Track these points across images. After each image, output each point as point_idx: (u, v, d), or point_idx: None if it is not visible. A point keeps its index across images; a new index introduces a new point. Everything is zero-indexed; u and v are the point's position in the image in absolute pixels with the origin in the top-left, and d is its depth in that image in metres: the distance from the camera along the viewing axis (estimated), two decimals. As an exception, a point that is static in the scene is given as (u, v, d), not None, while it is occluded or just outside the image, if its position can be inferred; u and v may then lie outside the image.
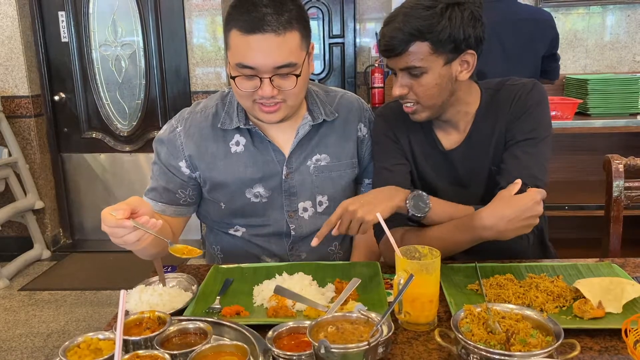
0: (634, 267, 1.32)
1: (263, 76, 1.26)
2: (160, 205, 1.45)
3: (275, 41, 1.23)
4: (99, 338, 0.95)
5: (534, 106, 1.36)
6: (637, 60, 3.68)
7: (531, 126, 1.34)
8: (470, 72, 1.32)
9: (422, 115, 1.35)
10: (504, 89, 1.40)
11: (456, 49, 1.26)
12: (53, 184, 4.16)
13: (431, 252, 1.10)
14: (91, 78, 4.03)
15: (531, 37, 2.43)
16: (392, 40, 1.25)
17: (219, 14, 3.76)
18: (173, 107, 3.99)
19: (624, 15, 3.61)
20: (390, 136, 1.47)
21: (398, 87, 1.32)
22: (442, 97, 1.32)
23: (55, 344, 2.82)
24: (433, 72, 1.27)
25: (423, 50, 1.25)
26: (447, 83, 1.30)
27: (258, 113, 1.34)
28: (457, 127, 1.41)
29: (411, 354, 0.99)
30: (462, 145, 1.41)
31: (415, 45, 1.24)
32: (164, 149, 1.45)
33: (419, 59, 1.25)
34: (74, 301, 3.28)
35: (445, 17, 1.22)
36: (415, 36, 1.23)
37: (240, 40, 1.25)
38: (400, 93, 1.32)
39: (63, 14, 3.91)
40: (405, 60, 1.27)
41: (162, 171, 1.45)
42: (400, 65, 1.28)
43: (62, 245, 4.22)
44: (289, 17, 1.24)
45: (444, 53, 1.26)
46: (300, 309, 1.12)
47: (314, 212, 1.48)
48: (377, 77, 4.63)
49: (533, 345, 0.88)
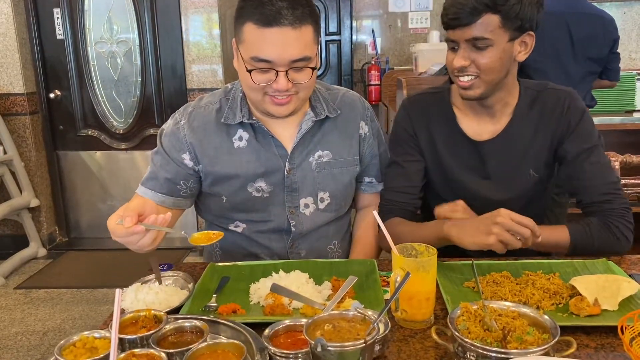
0: (629, 264, 1.32)
1: (279, 69, 1.26)
2: (160, 196, 1.44)
3: (292, 35, 1.24)
4: (95, 337, 0.94)
5: (584, 114, 1.40)
6: (633, 58, 3.69)
7: (588, 135, 1.39)
8: (527, 54, 1.34)
9: (476, 91, 1.35)
10: (546, 92, 1.43)
11: (520, 28, 1.29)
12: (49, 182, 4.15)
13: (428, 250, 1.10)
14: (87, 75, 4.02)
15: (597, 32, 2.50)
16: (464, 8, 1.25)
17: (215, 11, 3.75)
18: (169, 104, 3.98)
19: (620, 13, 3.62)
20: (408, 131, 1.49)
21: (460, 58, 1.31)
22: (501, 74, 1.33)
23: (52, 342, 2.81)
24: (498, 46, 1.29)
25: (493, 22, 1.26)
26: (507, 61, 1.32)
27: (269, 106, 1.34)
28: (493, 117, 1.43)
29: (408, 352, 0.99)
30: (497, 138, 1.42)
31: (486, 16, 1.25)
32: (167, 141, 1.45)
33: (488, 31, 1.26)
34: (70, 299, 3.28)
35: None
36: (489, 7, 1.25)
37: (255, 34, 1.25)
38: (462, 64, 1.31)
39: (58, 10, 3.90)
40: (474, 31, 1.27)
41: (166, 161, 1.44)
42: (467, 36, 1.28)
43: (58, 243, 4.20)
44: (303, 11, 1.25)
45: (510, 29, 1.28)
46: (296, 307, 1.12)
47: (315, 209, 1.48)
48: (373, 74, 4.63)
49: (529, 343, 0.88)
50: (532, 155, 1.42)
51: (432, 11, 5.87)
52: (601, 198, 1.37)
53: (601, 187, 1.37)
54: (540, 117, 1.41)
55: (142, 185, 1.46)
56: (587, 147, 1.38)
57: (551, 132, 1.41)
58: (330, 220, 1.51)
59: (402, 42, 5.99)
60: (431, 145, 1.47)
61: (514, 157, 1.42)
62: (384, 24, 6.06)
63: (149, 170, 1.48)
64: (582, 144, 1.39)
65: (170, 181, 1.44)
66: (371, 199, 1.60)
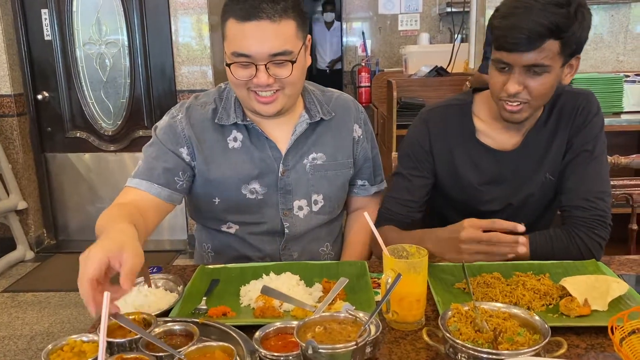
0: (618, 264, 1.33)
1: (258, 63, 1.26)
2: (156, 187, 1.35)
3: (270, 28, 1.23)
4: (83, 340, 0.93)
5: (595, 116, 1.39)
6: (621, 60, 3.73)
7: (593, 139, 1.37)
8: (572, 77, 1.32)
9: (523, 114, 1.32)
10: (565, 94, 1.41)
11: (574, 52, 1.26)
12: (36, 184, 4.10)
13: (419, 251, 1.10)
14: (75, 77, 3.98)
15: None
16: (527, 33, 1.19)
17: (204, 13, 3.74)
18: (158, 106, 3.96)
19: (607, 16, 3.65)
20: (424, 146, 1.45)
21: (515, 84, 1.26)
22: (549, 98, 1.32)
23: (39, 346, 2.78)
24: (554, 72, 1.25)
25: (553, 49, 1.22)
26: (556, 84, 1.29)
27: (254, 104, 1.33)
28: (519, 129, 1.41)
29: (399, 354, 0.99)
30: (519, 147, 1.41)
31: (549, 42, 1.21)
32: (163, 134, 1.41)
33: (549, 58, 1.22)
34: (58, 302, 3.25)
35: (578, 18, 1.21)
36: (553, 33, 1.20)
37: (236, 29, 1.25)
38: (516, 91, 1.26)
39: (46, 11, 3.86)
40: (534, 57, 1.22)
41: (163, 151, 1.39)
42: (525, 61, 1.23)
43: (46, 246, 4.17)
44: (284, 5, 1.25)
45: (565, 55, 1.24)
46: (287, 309, 1.11)
47: (309, 211, 1.47)
48: (363, 76, 4.65)
49: (520, 344, 0.88)
50: (549, 159, 1.41)
51: (422, 13, 5.90)
52: (577, 203, 1.34)
53: (582, 193, 1.34)
54: (558, 121, 1.40)
55: (136, 177, 1.36)
56: (587, 149, 1.37)
57: (567, 134, 1.39)
58: (323, 222, 1.51)
59: (392, 44, 6.01)
60: (448, 156, 1.45)
61: (531, 162, 1.41)
62: (374, 26, 6.08)
63: (142, 163, 1.39)
64: (584, 145, 1.37)
65: (169, 172, 1.37)
66: (363, 201, 1.60)
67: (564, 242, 1.32)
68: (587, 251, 1.31)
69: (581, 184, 1.36)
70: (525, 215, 1.45)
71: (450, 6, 5.03)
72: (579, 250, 1.31)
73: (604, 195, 1.35)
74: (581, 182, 1.36)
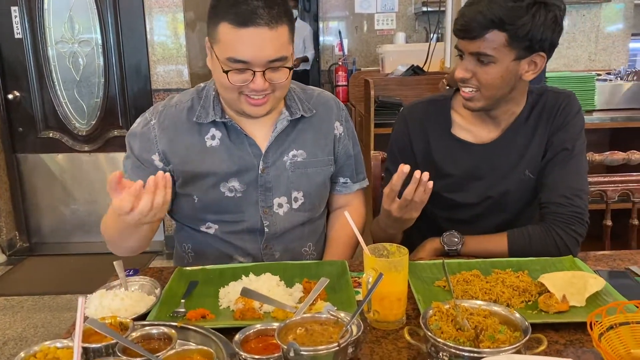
0: (595, 260, 1.35)
1: (256, 69, 1.25)
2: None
3: (268, 35, 1.22)
4: (57, 347, 0.90)
5: (576, 116, 1.41)
6: (593, 59, 3.80)
7: (573, 137, 1.40)
8: (535, 74, 1.33)
9: (477, 103, 1.36)
10: (547, 94, 1.44)
11: (530, 48, 1.28)
12: (8, 186, 4.01)
13: (399, 250, 1.10)
14: (47, 76, 3.90)
15: None
16: (471, 22, 1.25)
17: (180, 11, 3.70)
18: (133, 105, 3.90)
19: (579, 16, 3.72)
20: (405, 140, 1.51)
21: (462, 70, 1.32)
22: (502, 91, 1.34)
23: (12, 352, 2.72)
24: (501, 64, 1.28)
25: (498, 40, 1.25)
26: (511, 79, 1.32)
27: (245, 106, 1.32)
28: (497, 124, 1.44)
29: (380, 353, 0.98)
30: (494, 142, 1.44)
31: (492, 33, 1.25)
32: (137, 143, 1.41)
33: (492, 48, 1.26)
34: (31, 307, 3.17)
35: (530, 13, 1.23)
36: (495, 24, 1.24)
37: (231, 34, 1.23)
38: (463, 76, 1.32)
39: (16, 9, 3.77)
40: (478, 45, 1.27)
41: (136, 165, 1.41)
42: (471, 49, 1.29)
43: (19, 249, 4.07)
44: (278, 10, 1.23)
45: (517, 48, 1.27)
46: (267, 310, 1.10)
47: (289, 209, 1.46)
48: (340, 75, 4.64)
49: (502, 342, 0.89)
50: (528, 156, 1.43)
51: (398, 12, 5.93)
52: (555, 200, 1.37)
53: (561, 190, 1.37)
54: (538, 119, 1.43)
55: None
56: (566, 148, 1.39)
57: (547, 133, 1.42)
58: (305, 221, 1.50)
59: (368, 43, 6.04)
60: (427, 150, 1.49)
61: (509, 159, 1.44)
62: (350, 25, 6.09)
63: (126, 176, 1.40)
64: (564, 143, 1.40)
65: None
66: (346, 199, 1.59)
67: (541, 237, 1.35)
68: (564, 247, 1.34)
69: (560, 182, 1.38)
70: (504, 210, 1.48)
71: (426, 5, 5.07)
72: (556, 245, 1.34)
73: (581, 193, 1.38)
74: (560, 180, 1.38)
